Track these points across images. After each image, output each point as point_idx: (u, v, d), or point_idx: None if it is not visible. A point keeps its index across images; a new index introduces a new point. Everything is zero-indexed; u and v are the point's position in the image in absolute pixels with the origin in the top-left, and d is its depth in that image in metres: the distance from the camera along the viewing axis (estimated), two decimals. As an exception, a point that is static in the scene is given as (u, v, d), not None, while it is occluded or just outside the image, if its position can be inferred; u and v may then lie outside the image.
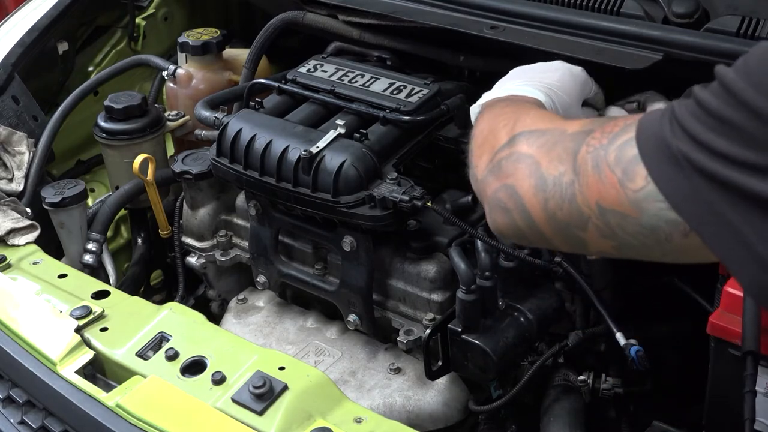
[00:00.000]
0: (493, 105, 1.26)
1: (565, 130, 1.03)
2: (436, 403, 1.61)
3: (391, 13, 1.84)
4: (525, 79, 1.34)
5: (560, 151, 1.00)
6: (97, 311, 1.58)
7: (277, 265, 1.77)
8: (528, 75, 1.36)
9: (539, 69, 1.39)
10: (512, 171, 1.05)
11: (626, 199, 0.92)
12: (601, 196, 0.94)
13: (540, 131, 1.06)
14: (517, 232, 1.07)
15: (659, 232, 0.91)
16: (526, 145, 1.05)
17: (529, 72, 1.38)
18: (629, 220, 0.93)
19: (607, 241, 0.97)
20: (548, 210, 1.00)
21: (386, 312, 1.68)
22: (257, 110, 1.75)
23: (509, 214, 1.05)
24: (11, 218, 1.84)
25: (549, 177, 1.00)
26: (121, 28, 2.59)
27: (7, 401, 1.57)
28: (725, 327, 1.28)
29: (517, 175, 1.04)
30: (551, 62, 1.42)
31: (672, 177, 0.87)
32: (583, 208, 0.97)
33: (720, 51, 1.50)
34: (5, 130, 2.03)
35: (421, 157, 1.77)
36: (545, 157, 1.02)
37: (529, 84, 1.32)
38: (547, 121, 1.10)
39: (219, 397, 1.36)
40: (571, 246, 1.05)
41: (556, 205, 1.00)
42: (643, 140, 0.91)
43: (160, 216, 2.01)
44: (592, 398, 1.61)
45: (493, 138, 1.12)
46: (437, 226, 1.64)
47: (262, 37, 2.05)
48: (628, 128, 0.94)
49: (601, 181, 0.94)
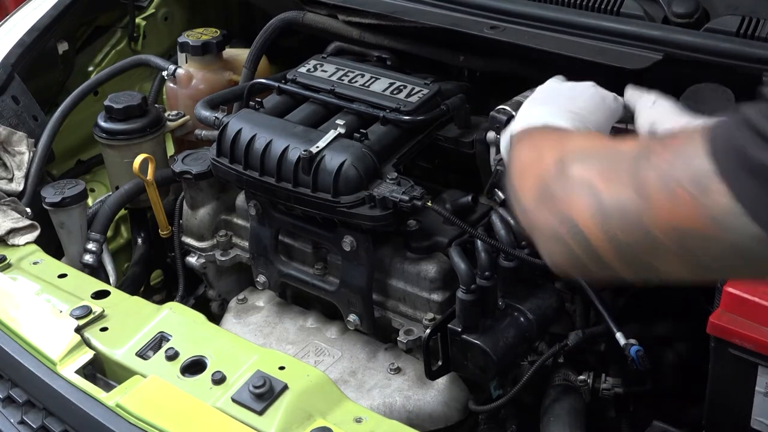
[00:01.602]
0: (528, 133, 1.19)
1: (619, 149, 0.96)
2: (436, 403, 1.61)
3: (391, 13, 1.84)
4: (554, 107, 1.28)
5: (618, 172, 0.92)
6: (97, 311, 1.58)
7: (277, 265, 1.77)
8: (557, 101, 1.30)
9: (569, 93, 1.32)
10: (565, 197, 0.96)
11: (706, 219, 0.83)
12: (675, 217, 0.86)
13: (591, 153, 0.99)
14: (576, 262, 0.98)
15: (749, 252, 0.83)
16: (578, 169, 0.96)
17: (558, 96, 1.32)
18: (712, 242, 0.84)
19: (684, 265, 0.89)
20: (611, 236, 0.92)
21: (386, 312, 1.68)
22: (257, 110, 1.75)
23: (566, 245, 0.97)
24: (11, 218, 1.84)
25: (609, 201, 0.91)
26: (121, 28, 2.59)
27: (7, 401, 1.57)
28: (725, 327, 1.28)
29: (572, 201, 0.95)
30: (582, 84, 1.35)
31: (757, 192, 0.79)
32: (654, 232, 0.88)
33: (720, 51, 1.51)
34: (5, 130, 2.03)
35: (421, 157, 1.77)
36: (602, 179, 0.93)
37: (559, 114, 1.25)
38: (596, 142, 1.03)
39: (219, 397, 1.36)
40: (639, 272, 0.96)
41: (619, 231, 0.91)
42: (718, 153, 0.82)
43: (160, 216, 2.01)
44: (592, 398, 1.61)
45: (538, 165, 1.04)
46: (437, 226, 1.64)
47: (262, 37, 2.05)
48: (692, 141, 0.86)
49: (672, 201, 0.86)
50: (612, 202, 0.91)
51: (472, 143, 1.70)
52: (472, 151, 1.70)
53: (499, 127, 1.58)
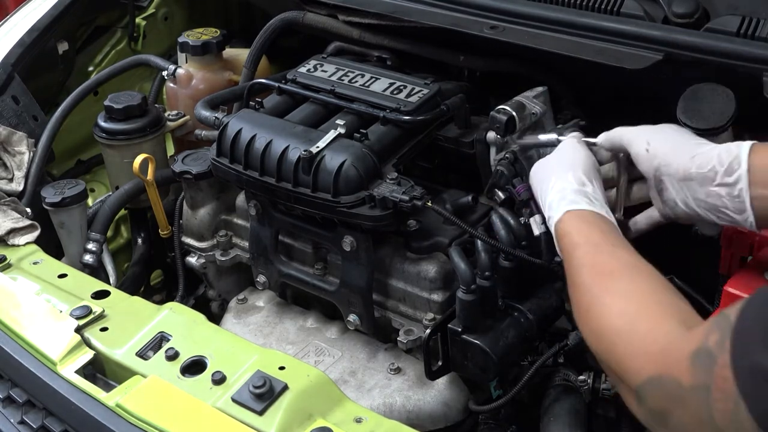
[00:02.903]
0: (579, 246, 1.24)
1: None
2: (436, 403, 1.61)
3: (391, 13, 1.84)
4: (574, 190, 1.33)
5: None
6: (97, 311, 1.58)
7: (277, 265, 1.77)
8: (569, 182, 1.34)
9: (568, 164, 1.38)
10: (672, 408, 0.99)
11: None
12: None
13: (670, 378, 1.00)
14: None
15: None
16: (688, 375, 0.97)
17: (567, 174, 1.36)
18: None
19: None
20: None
21: (386, 312, 1.68)
22: (257, 110, 1.75)
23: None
24: (11, 218, 1.84)
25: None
26: (121, 28, 2.59)
27: (7, 401, 1.56)
28: (725, 327, 1.28)
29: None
30: (568, 148, 1.42)
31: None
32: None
33: (720, 51, 1.51)
34: (5, 130, 2.04)
35: (421, 157, 1.77)
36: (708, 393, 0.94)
37: (585, 200, 1.31)
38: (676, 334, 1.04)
39: (219, 397, 1.36)
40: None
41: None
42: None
43: (160, 216, 2.01)
44: (592, 398, 1.61)
45: (623, 361, 1.07)
46: (437, 226, 1.64)
47: (262, 37, 2.05)
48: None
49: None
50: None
51: (472, 143, 1.70)
52: (472, 151, 1.70)
53: (499, 128, 1.58)
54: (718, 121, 1.46)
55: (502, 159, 1.58)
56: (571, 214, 1.30)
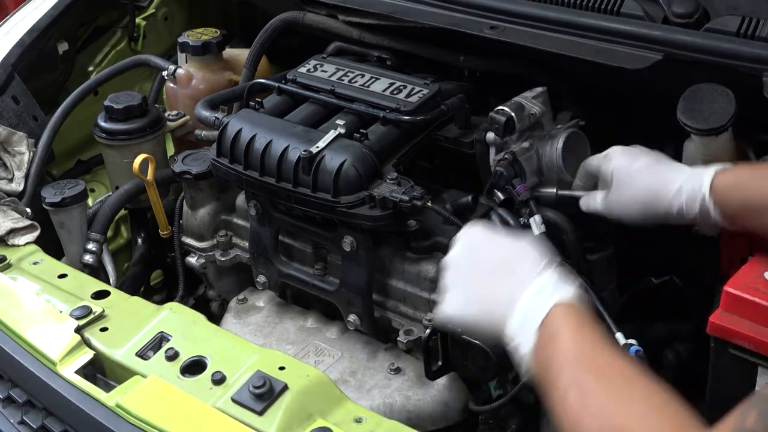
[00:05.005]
0: (561, 357, 1.09)
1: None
2: (436, 403, 1.60)
3: (391, 13, 1.84)
4: (541, 282, 1.18)
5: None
6: (97, 311, 1.58)
7: (277, 265, 1.77)
8: (532, 273, 1.19)
9: (524, 266, 1.21)
10: None
11: None
12: None
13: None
14: None
15: None
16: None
17: (526, 269, 1.21)
18: None
19: None
20: None
21: (386, 312, 1.68)
22: (257, 110, 1.75)
23: None
24: (11, 218, 1.84)
25: None
26: (121, 28, 2.59)
27: (7, 401, 1.57)
28: (725, 327, 1.29)
29: None
30: (519, 249, 1.25)
31: None
32: None
33: (720, 51, 1.51)
34: (5, 130, 2.04)
35: (421, 157, 1.77)
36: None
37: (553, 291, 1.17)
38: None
39: (219, 397, 1.36)
40: None
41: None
42: None
43: (160, 216, 2.01)
44: (592, 398, 1.61)
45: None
46: (437, 226, 1.64)
47: (262, 37, 2.05)
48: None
49: None
50: None
51: (472, 143, 1.70)
52: (472, 151, 1.70)
53: (497, 129, 1.57)
54: (718, 121, 1.46)
55: (501, 159, 1.58)
56: (545, 332, 1.13)
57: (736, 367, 1.30)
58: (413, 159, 1.71)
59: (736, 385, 1.31)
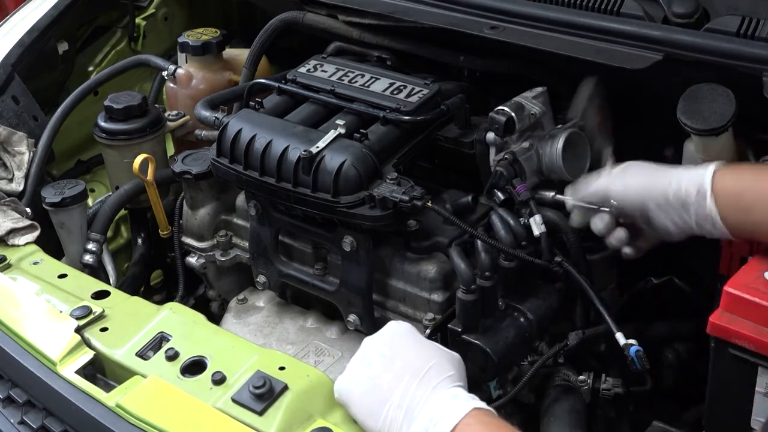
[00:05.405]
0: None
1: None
2: (436, 403, 1.60)
3: (391, 13, 1.84)
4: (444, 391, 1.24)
5: None
6: (97, 311, 1.58)
7: (277, 265, 1.77)
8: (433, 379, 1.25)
9: (421, 361, 1.28)
10: None
11: None
12: None
13: None
14: None
15: None
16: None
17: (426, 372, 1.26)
18: None
19: None
20: None
21: (386, 312, 1.68)
22: (257, 110, 1.75)
23: None
24: (11, 218, 1.84)
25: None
26: (121, 28, 2.59)
27: (7, 401, 1.56)
28: (725, 327, 1.29)
29: None
30: (427, 351, 1.31)
31: None
32: None
33: (720, 51, 1.51)
34: (5, 130, 2.04)
35: (421, 157, 1.77)
36: None
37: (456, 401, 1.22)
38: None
39: (219, 397, 1.36)
40: None
41: None
42: None
43: (160, 216, 2.01)
44: (592, 398, 1.61)
45: None
46: (437, 226, 1.64)
47: (262, 37, 2.05)
48: None
49: None
50: None
51: (472, 143, 1.70)
52: (472, 151, 1.70)
53: (497, 129, 1.58)
54: (718, 121, 1.46)
55: (501, 159, 1.58)
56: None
57: (736, 367, 1.30)
58: (413, 159, 1.71)
59: (736, 385, 1.31)
